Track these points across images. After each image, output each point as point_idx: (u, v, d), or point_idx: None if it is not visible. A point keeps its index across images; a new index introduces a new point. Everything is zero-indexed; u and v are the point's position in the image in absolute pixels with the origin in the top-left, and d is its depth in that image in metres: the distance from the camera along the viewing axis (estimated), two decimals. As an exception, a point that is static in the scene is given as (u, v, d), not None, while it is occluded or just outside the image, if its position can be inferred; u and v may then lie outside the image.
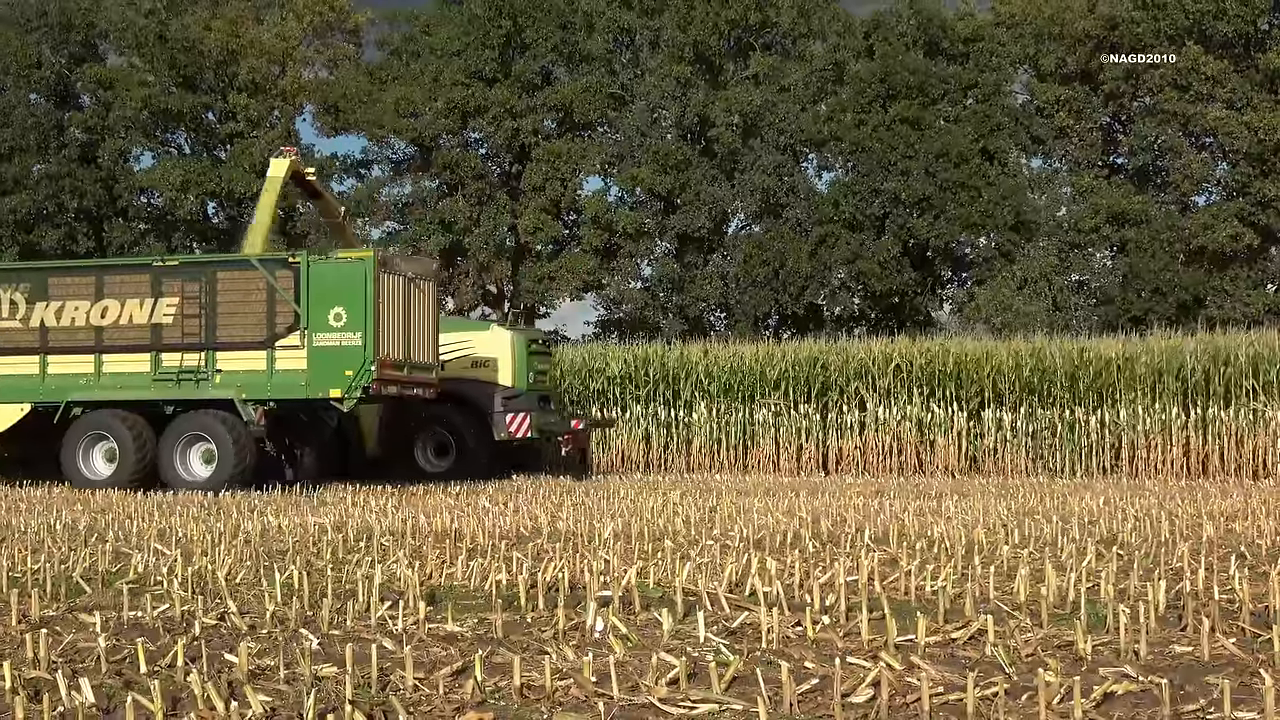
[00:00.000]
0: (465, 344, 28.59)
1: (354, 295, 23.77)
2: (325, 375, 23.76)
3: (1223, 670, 6.61)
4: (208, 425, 23.93)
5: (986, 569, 10.00)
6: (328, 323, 23.83)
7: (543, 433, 28.38)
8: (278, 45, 54.29)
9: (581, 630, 7.94)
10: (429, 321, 25.94)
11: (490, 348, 28.64)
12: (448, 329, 28.36)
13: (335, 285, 23.93)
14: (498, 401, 27.94)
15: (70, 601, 9.28)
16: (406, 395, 25.64)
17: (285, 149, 27.51)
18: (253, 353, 24.25)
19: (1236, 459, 30.15)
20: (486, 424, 27.93)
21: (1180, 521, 14.95)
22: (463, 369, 28.17)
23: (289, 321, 24.14)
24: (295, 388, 24.02)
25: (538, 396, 28.76)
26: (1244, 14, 48.43)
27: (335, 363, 23.70)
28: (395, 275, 24.71)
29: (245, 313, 24.45)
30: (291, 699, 6.18)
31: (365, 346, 23.60)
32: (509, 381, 28.30)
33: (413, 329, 25.12)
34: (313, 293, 23.95)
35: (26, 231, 51.57)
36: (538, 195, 50.30)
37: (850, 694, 6.10)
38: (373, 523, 15.00)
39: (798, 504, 18.23)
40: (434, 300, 26.35)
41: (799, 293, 48.80)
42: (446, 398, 27.07)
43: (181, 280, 24.80)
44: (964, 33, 51.22)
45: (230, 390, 23.97)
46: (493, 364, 28.43)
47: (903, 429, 32.05)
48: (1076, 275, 51.11)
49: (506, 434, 27.86)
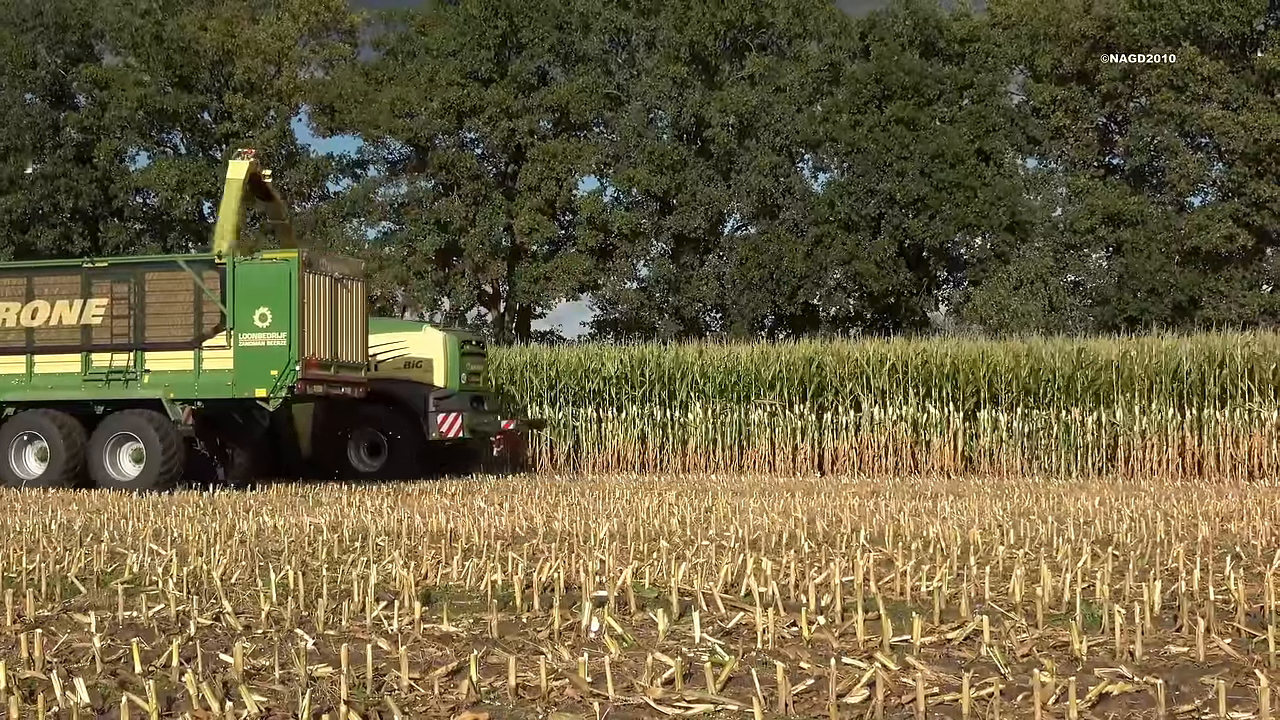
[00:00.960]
0: (398, 344, 28.93)
1: (279, 296, 24.11)
2: (251, 375, 24.11)
3: (1218, 671, 6.61)
4: (136, 425, 24.23)
5: (982, 569, 10.01)
6: (253, 323, 24.17)
7: (475, 433, 28.70)
8: (273, 45, 54.22)
9: (577, 630, 7.94)
10: (357, 322, 26.23)
11: (423, 348, 28.95)
12: (381, 330, 28.78)
13: (260, 286, 24.26)
14: (430, 402, 28.22)
15: (65, 601, 9.28)
16: (334, 395, 25.99)
17: (244, 151, 27.94)
18: (180, 353, 24.61)
19: (1232, 459, 30.16)
20: (419, 424, 28.21)
21: (1175, 522, 14.96)
22: (396, 369, 28.54)
23: (215, 322, 24.50)
24: (222, 387, 24.34)
25: (470, 397, 29.08)
26: (1240, 15, 48.46)
27: (261, 362, 24.05)
28: (321, 276, 25.04)
29: (173, 313, 24.83)
30: (286, 699, 6.18)
31: (290, 346, 23.95)
32: (442, 382, 28.63)
33: (340, 329, 25.44)
34: (239, 293, 24.28)
35: (22, 231, 51.53)
36: (533, 195, 50.28)
37: (845, 694, 6.11)
38: (368, 523, 15.00)
39: (793, 504, 18.23)
40: (363, 301, 26.63)
41: (794, 293, 48.81)
42: (379, 398, 27.50)
43: (110, 281, 25.18)
44: (960, 33, 51.23)
45: (158, 390, 24.27)
46: (425, 364, 28.74)
47: (898, 429, 32.05)
48: (1072, 276, 51.13)
49: (438, 434, 28.16)
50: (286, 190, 54.22)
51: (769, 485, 25.86)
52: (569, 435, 33.96)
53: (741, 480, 28.72)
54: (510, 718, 5.94)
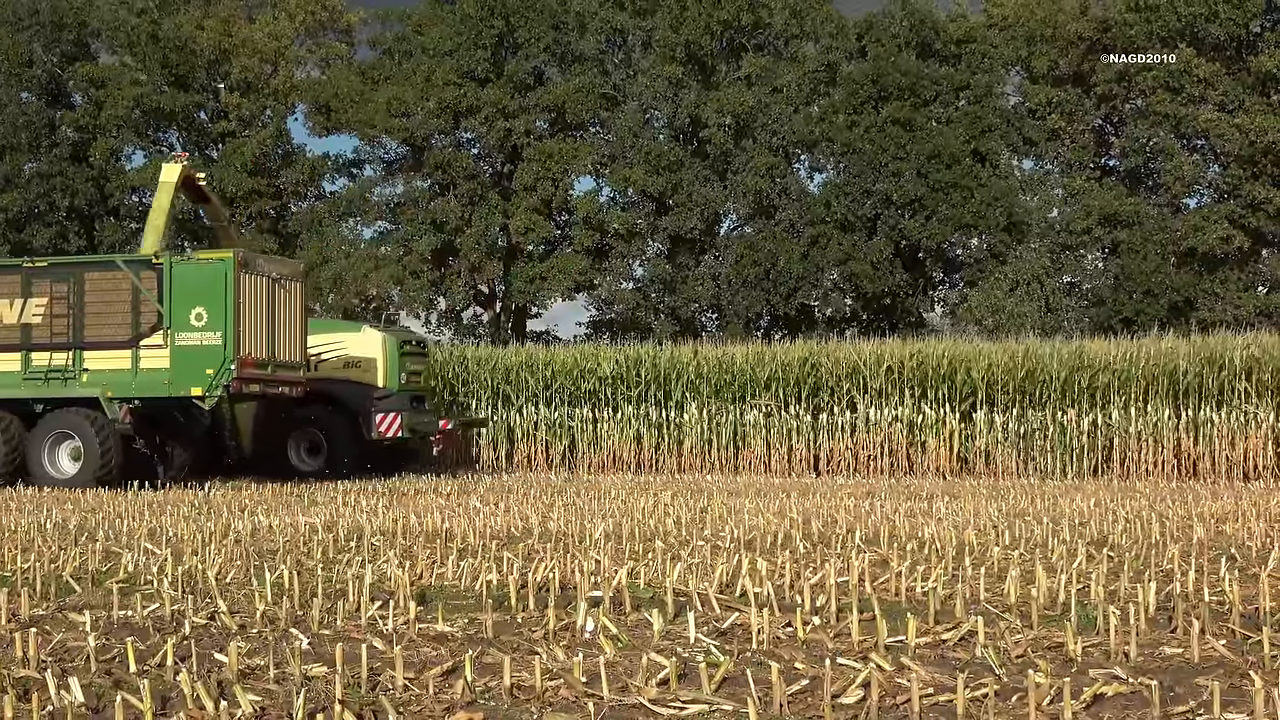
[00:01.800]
0: (338, 345, 29.17)
1: (214, 295, 24.44)
2: (187, 374, 24.43)
3: (1213, 672, 6.62)
4: (74, 423, 24.57)
5: (977, 570, 10.01)
6: (189, 322, 24.52)
7: (415, 432, 29.01)
8: (270, 44, 54.17)
9: (572, 630, 7.94)
10: (295, 321, 26.47)
11: (363, 348, 29.17)
12: (321, 330, 29.16)
13: (196, 286, 24.59)
14: (369, 401, 28.48)
15: (60, 600, 9.28)
16: (270, 394, 26.35)
17: (177, 155, 28.56)
18: (118, 352, 24.94)
19: (1228, 461, 30.18)
20: (358, 424, 28.51)
21: (1171, 523, 14.97)
22: (336, 369, 28.79)
23: (153, 321, 24.85)
24: (159, 386, 24.66)
25: (410, 397, 29.38)
26: (1236, 17, 48.47)
27: (197, 361, 24.37)
28: (258, 276, 25.30)
29: (111, 313, 25.17)
30: (281, 699, 6.18)
31: (225, 345, 24.27)
32: (381, 382, 28.87)
33: (278, 329, 25.71)
34: (175, 293, 24.62)
35: (18, 230, 51.50)
36: (529, 195, 50.25)
37: (840, 695, 6.11)
38: (363, 522, 15.00)
39: (788, 505, 18.24)
40: (301, 301, 26.85)
41: (790, 294, 48.80)
42: (319, 398, 27.85)
43: (50, 281, 25.54)
44: (956, 34, 51.22)
45: (96, 389, 24.58)
46: (366, 364, 29.00)
47: (894, 430, 32.06)
48: (1068, 277, 51.10)
49: (377, 434, 28.51)
50: (282, 189, 54.25)
51: (764, 486, 25.86)
52: (564, 435, 33.96)
53: (737, 480, 28.72)
54: (505, 717, 5.94)
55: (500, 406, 34.53)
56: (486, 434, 34.08)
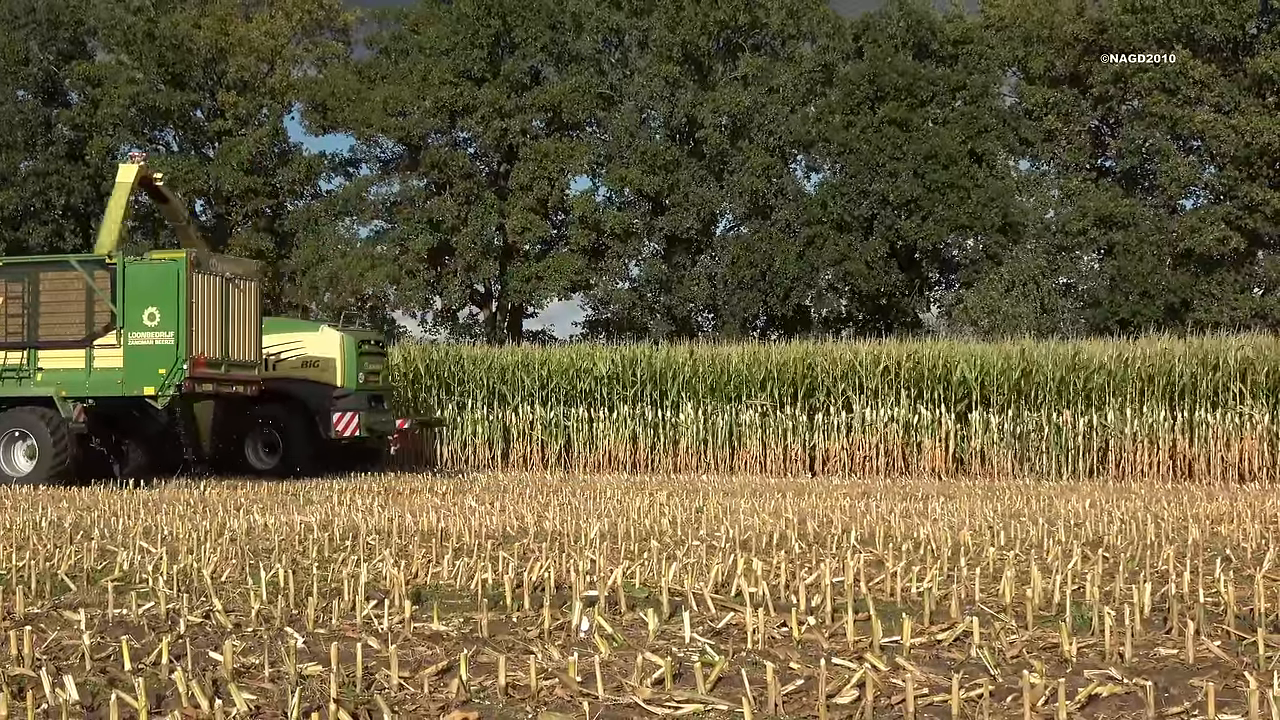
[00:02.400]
0: (296, 344, 29.30)
1: (167, 295, 24.59)
2: (140, 373, 24.58)
3: (1207, 673, 6.62)
4: (29, 422, 24.72)
5: (972, 571, 10.01)
6: (142, 322, 24.67)
7: (372, 431, 29.12)
8: (266, 43, 54.18)
9: (567, 630, 7.94)
10: (250, 321, 26.59)
11: (321, 348, 29.30)
12: (280, 329, 29.40)
13: (149, 286, 24.74)
14: (327, 401, 28.66)
15: (55, 599, 9.27)
16: (224, 393, 26.53)
17: (133, 154, 28.59)
18: (72, 351, 25.12)
19: (1223, 462, 30.18)
20: (315, 423, 28.69)
21: (1166, 524, 14.97)
22: (294, 369, 28.95)
23: (106, 321, 25.02)
24: (112, 385, 24.82)
25: (368, 396, 29.50)
26: (1232, 18, 48.51)
27: (150, 361, 24.52)
28: (211, 276, 25.44)
29: (65, 312, 25.33)
30: (276, 697, 6.17)
31: (178, 345, 24.41)
32: (339, 381, 28.99)
33: (232, 328, 25.85)
34: (129, 293, 24.77)
35: (14, 228, 51.51)
36: (525, 195, 50.26)
37: (835, 695, 6.11)
38: (359, 521, 14.99)
39: (784, 505, 18.23)
40: (256, 300, 26.96)
41: (786, 294, 48.82)
42: (278, 396, 28.04)
43: (5, 280, 25.73)
44: (953, 35, 51.26)
45: (50, 388, 24.78)
46: (324, 364, 29.11)
47: (889, 431, 32.05)
48: (1064, 278, 51.15)
49: (335, 433, 28.64)
50: (279, 188, 54.24)
51: (760, 486, 25.86)
52: (560, 435, 33.96)
53: (732, 480, 28.72)
54: (500, 717, 5.94)
55: (496, 406, 34.51)
56: (484, 433, 34.05)
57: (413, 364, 35.21)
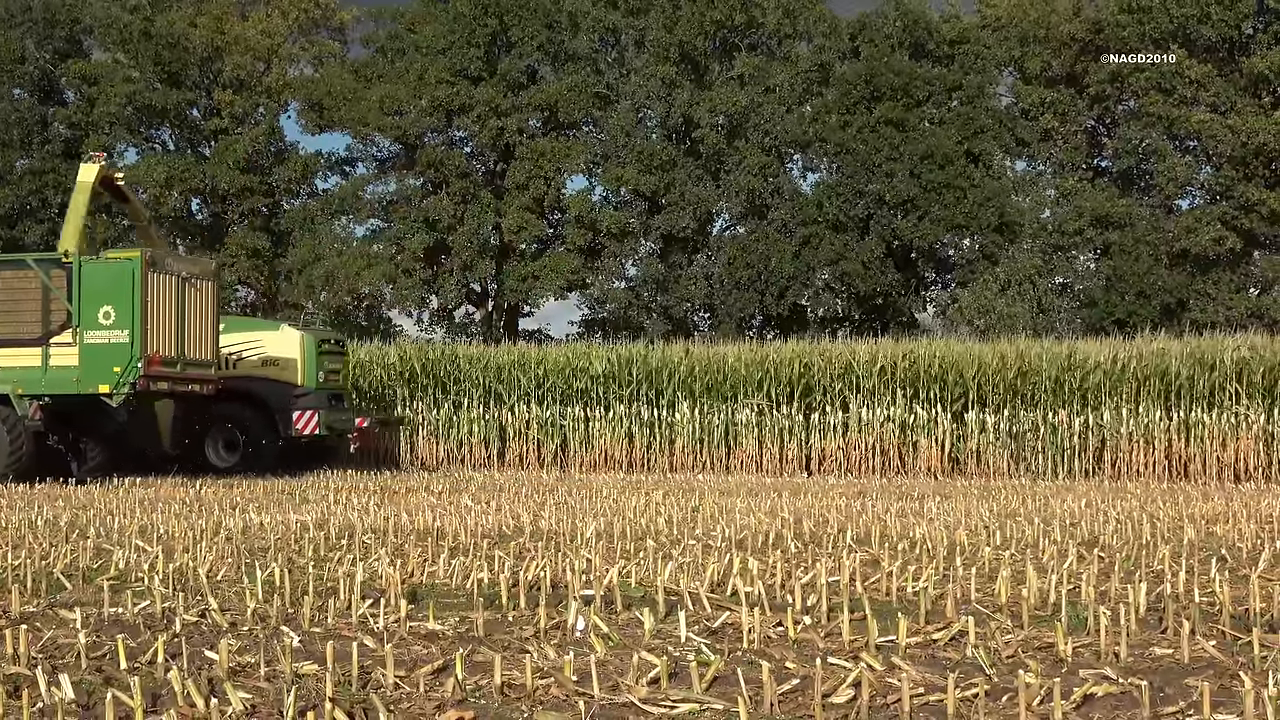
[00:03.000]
0: (256, 343, 29.54)
1: (121, 294, 24.76)
2: (95, 371, 24.75)
3: (1203, 673, 6.63)
4: None
5: (968, 570, 10.02)
6: (98, 321, 24.85)
7: (332, 430, 29.37)
8: (263, 42, 54.18)
9: (563, 629, 7.94)
10: (206, 320, 26.71)
11: (280, 347, 29.53)
12: (240, 329, 29.83)
13: (105, 284, 24.92)
14: (287, 399, 28.90)
15: (51, 597, 9.26)
16: (179, 391, 26.64)
17: (94, 154, 28.77)
18: (28, 349, 25.24)
19: (1219, 462, 30.19)
20: (275, 421, 28.91)
21: (1161, 524, 14.98)
22: (254, 367, 29.19)
23: (62, 319, 25.12)
24: (68, 383, 24.96)
25: (328, 395, 29.80)
26: (1228, 18, 48.55)
27: (105, 359, 24.70)
28: (167, 275, 25.56)
29: (21, 311, 25.46)
30: (272, 696, 6.17)
31: (132, 344, 24.56)
32: (299, 380, 29.19)
33: (188, 327, 25.98)
34: (84, 291, 24.94)
35: (10, 227, 51.51)
36: (522, 194, 50.26)
37: (831, 694, 6.11)
38: (355, 520, 14.99)
39: (780, 504, 18.24)
40: (212, 299, 27.08)
41: (783, 293, 48.83)
42: (237, 395, 28.30)
43: None
44: (949, 35, 51.29)
45: (7, 386, 24.89)
46: (284, 363, 29.33)
47: (886, 430, 32.05)
48: (1060, 278, 51.19)
49: (295, 431, 28.88)
50: (275, 187, 54.23)
51: (756, 485, 25.86)
52: (556, 434, 33.95)
53: (728, 480, 28.72)
54: (496, 716, 5.94)
55: (492, 405, 34.50)
56: (480, 433, 34.06)
57: (409, 363, 35.20)
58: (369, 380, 35.06)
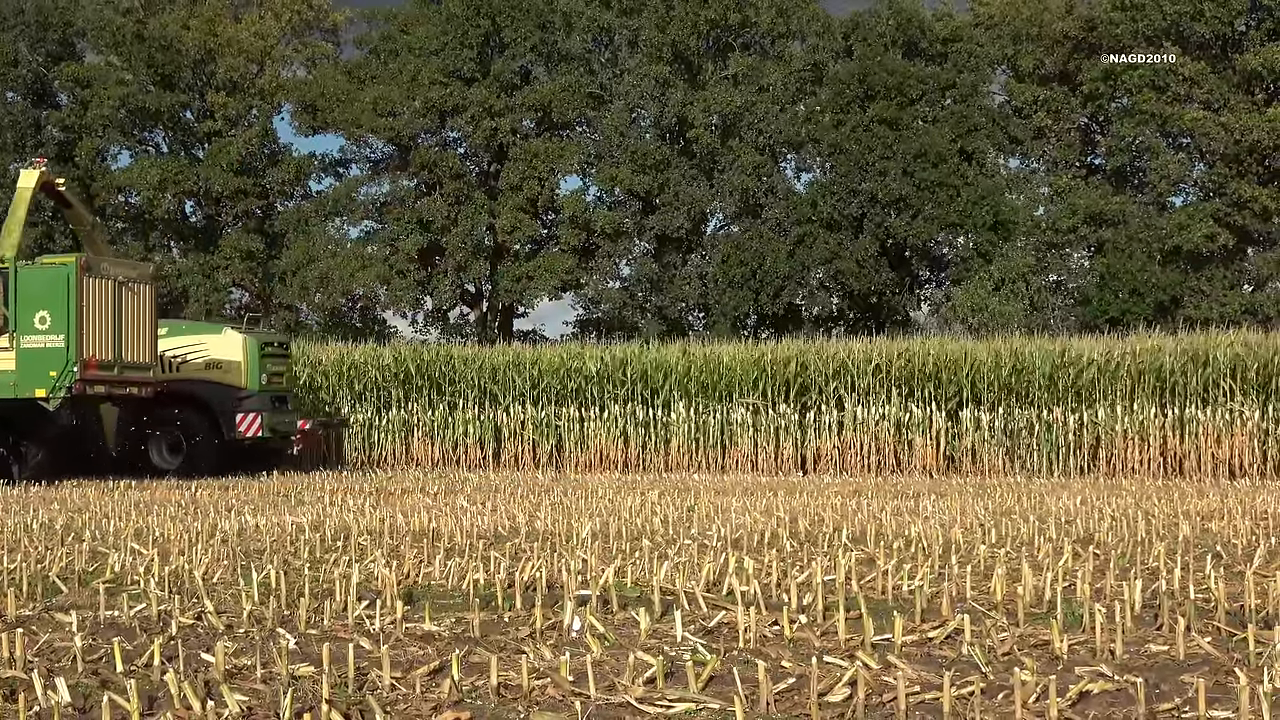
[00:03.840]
0: (200, 346, 29.69)
1: (57, 299, 25.05)
2: (32, 376, 25.05)
3: (1198, 669, 6.63)
4: None
5: (963, 568, 10.03)
6: (34, 325, 25.15)
7: (275, 432, 29.54)
8: (256, 44, 54.15)
9: (559, 630, 7.95)
10: (144, 323, 26.89)
11: (224, 350, 29.64)
12: (183, 332, 30.03)
13: (40, 290, 25.25)
14: (230, 402, 29.05)
15: (47, 601, 9.26)
16: (117, 395, 26.83)
17: (35, 160, 28.95)
18: None
19: (1214, 459, 30.21)
20: (218, 423, 29.02)
21: (1157, 521, 14.99)
22: (197, 370, 29.33)
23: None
24: (5, 387, 25.24)
25: (271, 397, 29.90)
26: (1221, 15, 48.58)
27: (41, 364, 24.98)
28: (103, 279, 25.76)
29: None
30: (268, 698, 6.18)
31: (68, 348, 24.82)
32: (242, 383, 29.32)
33: (125, 331, 26.15)
34: (20, 297, 25.27)
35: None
36: (516, 195, 50.27)
37: (827, 693, 6.12)
38: (350, 522, 14.98)
39: (775, 503, 18.24)
40: (150, 303, 27.25)
41: (777, 293, 48.83)
42: (180, 398, 28.49)
43: None
44: (942, 33, 51.31)
45: None
46: (227, 365, 29.44)
47: (881, 429, 32.06)
48: (1054, 275, 51.22)
49: (238, 433, 29.04)
50: (268, 189, 54.20)
51: (751, 484, 25.86)
52: (551, 435, 33.96)
53: (724, 479, 28.72)
54: (492, 717, 5.94)
55: (487, 406, 34.50)
56: (476, 433, 34.08)
57: (403, 364, 35.21)
58: (364, 382, 35.12)
